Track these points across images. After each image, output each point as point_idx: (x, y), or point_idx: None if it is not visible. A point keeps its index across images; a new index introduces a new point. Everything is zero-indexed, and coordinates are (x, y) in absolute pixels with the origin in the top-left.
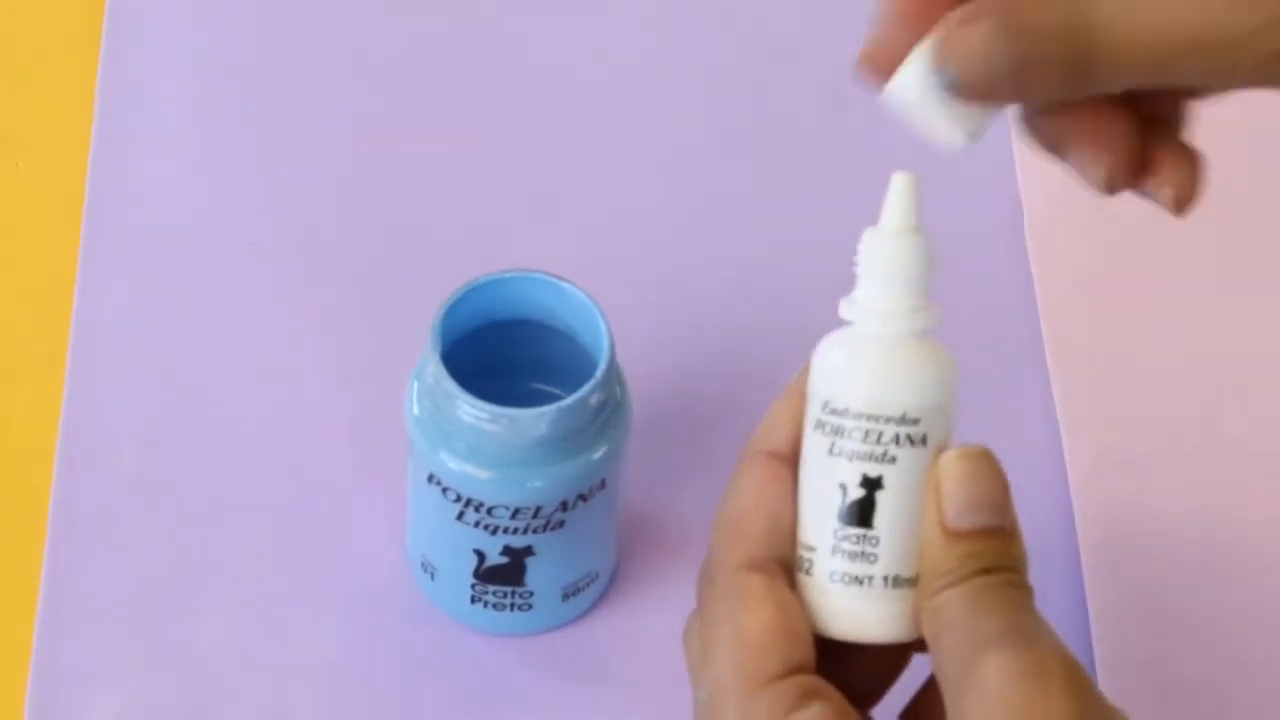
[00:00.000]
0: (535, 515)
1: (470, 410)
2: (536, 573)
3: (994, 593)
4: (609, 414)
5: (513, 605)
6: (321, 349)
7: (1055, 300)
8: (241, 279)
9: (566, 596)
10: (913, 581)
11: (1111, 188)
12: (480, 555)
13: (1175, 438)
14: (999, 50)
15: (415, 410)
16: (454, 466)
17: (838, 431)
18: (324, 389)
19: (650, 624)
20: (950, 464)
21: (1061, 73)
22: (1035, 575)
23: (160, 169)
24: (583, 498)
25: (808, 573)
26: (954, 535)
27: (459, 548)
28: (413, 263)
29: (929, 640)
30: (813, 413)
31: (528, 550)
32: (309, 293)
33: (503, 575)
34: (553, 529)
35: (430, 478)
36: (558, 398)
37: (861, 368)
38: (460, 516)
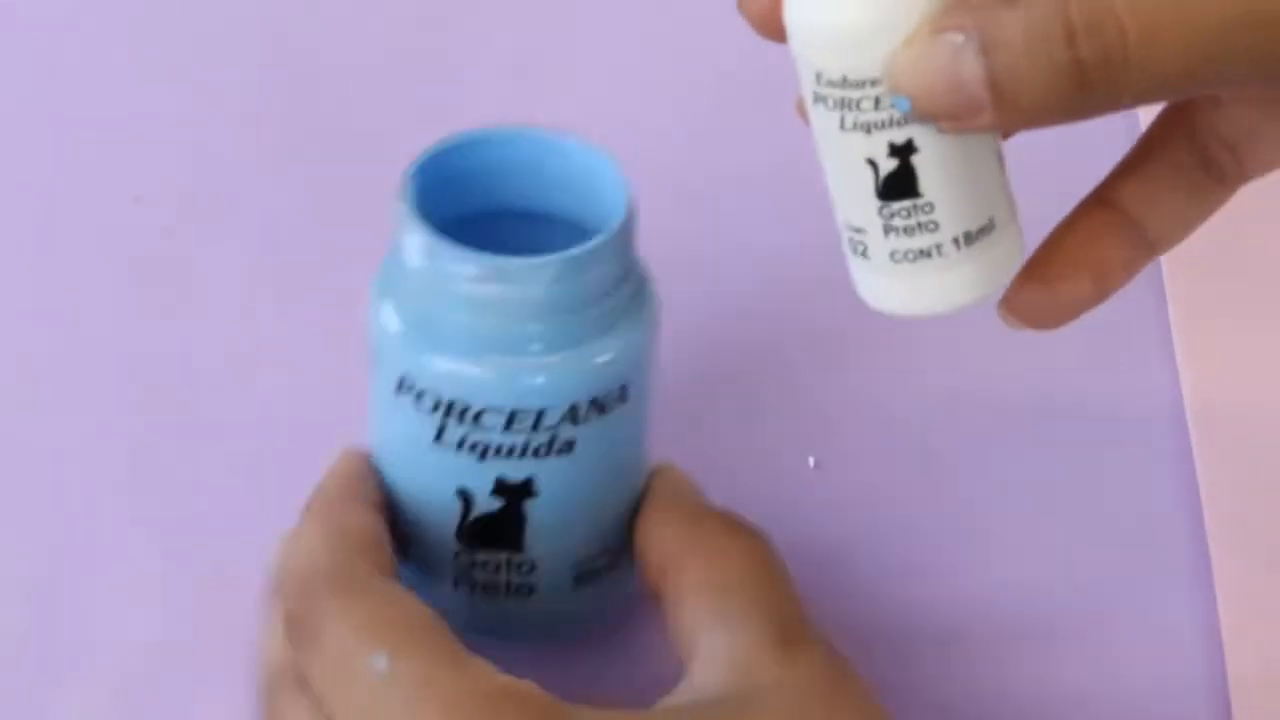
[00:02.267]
0: (536, 426)
1: (453, 265)
2: (539, 531)
3: None
4: (629, 295)
5: (508, 586)
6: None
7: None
8: (121, 241)
9: (580, 579)
10: (987, 229)
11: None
12: (466, 499)
13: None
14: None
15: (380, 307)
16: (432, 360)
17: (844, 104)
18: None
19: None
20: None
21: (1062, 87)
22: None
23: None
24: (598, 406)
25: (864, 255)
26: None
27: (440, 490)
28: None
29: None
30: (806, 84)
31: (527, 488)
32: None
33: (495, 531)
34: (559, 453)
35: (400, 384)
36: None
37: (846, 23)
38: (440, 435)
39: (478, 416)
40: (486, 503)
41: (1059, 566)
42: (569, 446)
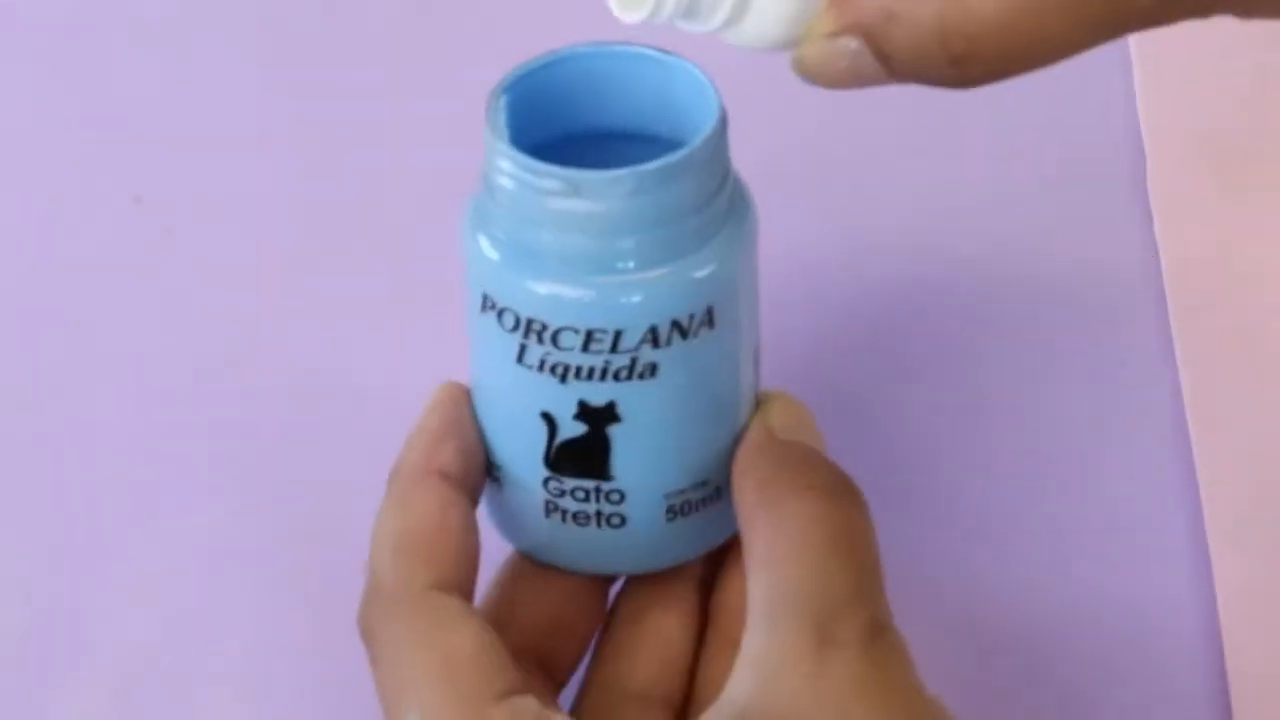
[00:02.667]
0: (615, 348)
1: (527, 178)
2: (626, 457)
3: None
4: (713, 216)
5: (599, 517)
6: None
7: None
8: (121, 241)
9: (673, 512)
10: None
11: None
12: (550, 423)
13: None
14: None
15: (465, 224)
16: (508, 276)
17: None
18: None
19: None
20: None
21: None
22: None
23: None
24: (680, 329)
25: None
26: None
27: (524, 412)
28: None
29: None
30: None
31: (610, 412)
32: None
33: (581, 457)
34: (642, 377)
35: (484, 302)
36: None
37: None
38: (521, 356)
39: (555, 336)
40: (570, 427)
41: (1058, 566)
42: (651, 370)
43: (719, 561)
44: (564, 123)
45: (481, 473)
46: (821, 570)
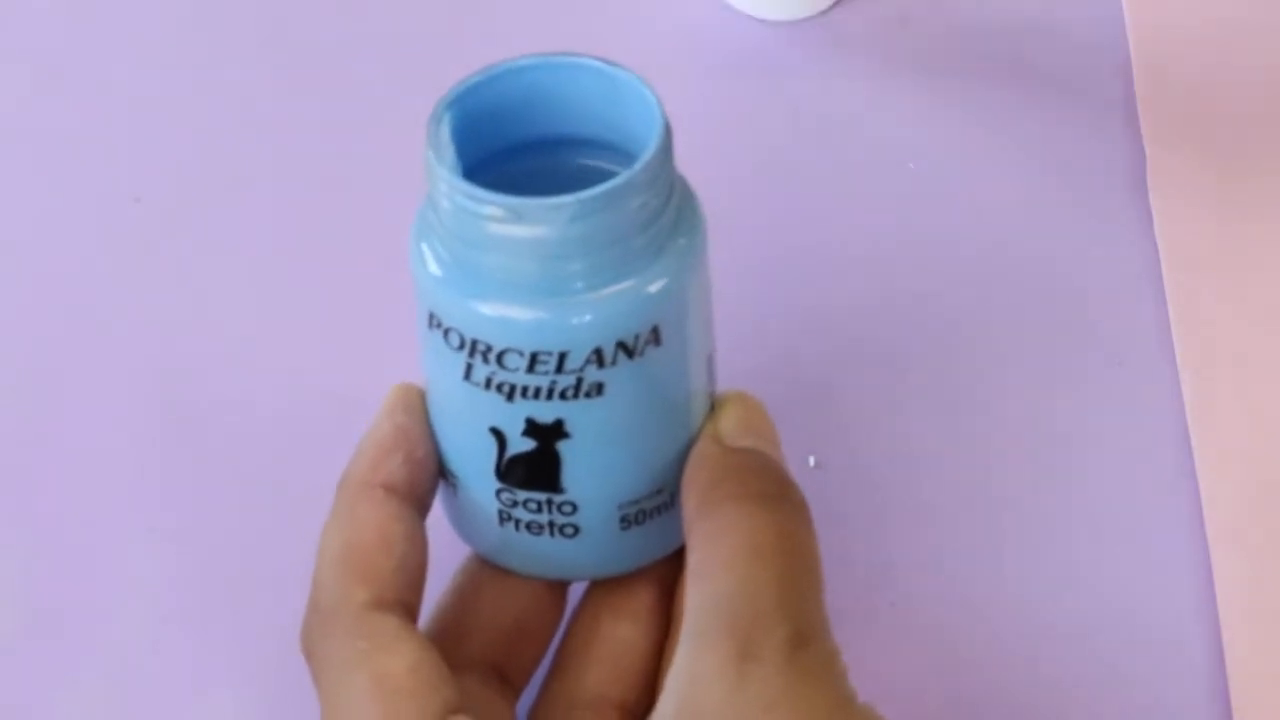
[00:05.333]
0: (560, 368)
1: (467, 202)
2: (576, 471)
3: None
4: (656, 237)
5: (552, 526)
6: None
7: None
8: (121, 241)
9: (626, 521)
10: None
11: None
12: (499, 438)
13: None
14: None
15: (415, 242)
16: (453, 297)
17: None
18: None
19: None
20: None
21: None
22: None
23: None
24: (625, 349)
25: None
26: None
27: (474, 427)
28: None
29: None
30: None
31: (558, 429)
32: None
33: (532, 472)
34: (588, 396)
35: (430, 319)
36: None
37: None
38: (468, 374)
39: (500, 357)
40: (519, 443)
41: (1059, 566)
42: (598, 389)
43: (682, 563)
44: (509, 134)
45: (432, 481)
46: (747, 581)
